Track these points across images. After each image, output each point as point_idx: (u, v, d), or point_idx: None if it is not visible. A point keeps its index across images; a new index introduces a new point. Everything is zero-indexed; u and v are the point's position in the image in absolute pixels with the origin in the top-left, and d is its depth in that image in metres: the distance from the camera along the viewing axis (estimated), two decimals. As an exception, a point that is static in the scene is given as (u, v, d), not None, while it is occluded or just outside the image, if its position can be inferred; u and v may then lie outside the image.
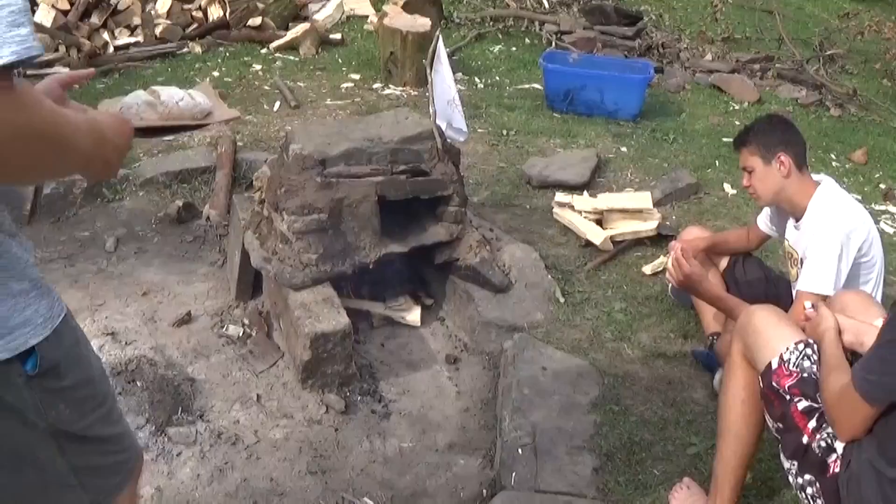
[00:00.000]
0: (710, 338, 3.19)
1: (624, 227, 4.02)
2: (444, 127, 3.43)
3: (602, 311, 3.48)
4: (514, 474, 2.56)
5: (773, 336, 2.13)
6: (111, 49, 6.48)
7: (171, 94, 5.08)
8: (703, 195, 4.79)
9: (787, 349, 2.08)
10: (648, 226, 4.01)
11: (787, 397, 2.04)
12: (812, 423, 1.97)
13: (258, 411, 3.04)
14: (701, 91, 6.90)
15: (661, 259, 3.83)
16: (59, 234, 4.10)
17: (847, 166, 5.71)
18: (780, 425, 2.06)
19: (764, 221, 3.24)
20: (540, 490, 2.50)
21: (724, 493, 2.32)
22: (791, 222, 3.00)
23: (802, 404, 2.00)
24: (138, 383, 3.10)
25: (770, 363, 2.09)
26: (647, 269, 3.80)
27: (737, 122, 6.16)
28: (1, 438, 1.35)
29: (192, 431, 2.92)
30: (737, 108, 6.61)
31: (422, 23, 6.14)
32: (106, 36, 6.53)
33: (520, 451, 2.63)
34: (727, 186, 4.93)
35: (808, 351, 2.06)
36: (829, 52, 7.70)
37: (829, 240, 2.74)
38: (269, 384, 3.16)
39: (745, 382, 2.21)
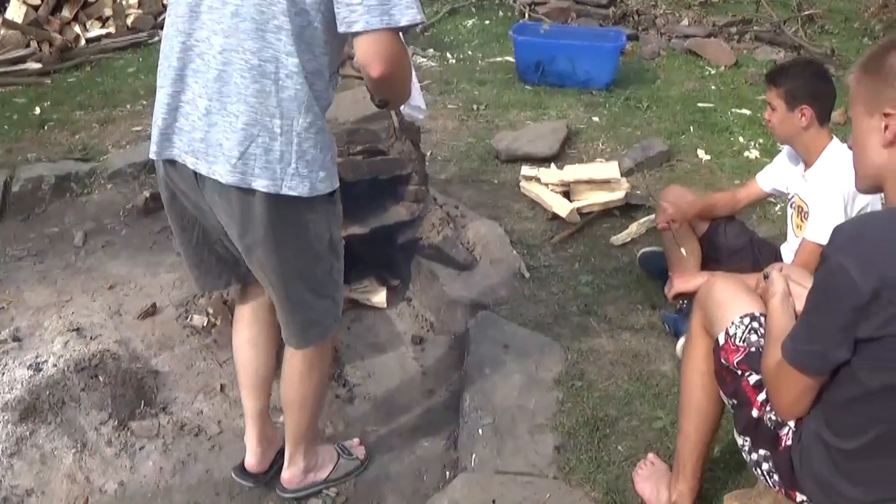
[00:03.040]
0: (681, 301, 3.16)
1: (591, 199, 3.98)
2: (401, 105, 3.37)
3: (568, 284, 3.44)
4: (473, 456, 2.53)
5: (730, 307, 2.07)
6: (83, 42, 6.43)
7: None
8: (675, 162, 4.75)
9: (733, 323, 2.02)
10: (616, 196, 3.98)
11: (739, 372, 1.98)
12: (762, 396, 1.91)
13: (222, 401, 3.01)
14: (677, 57, 6.84)
15: (631, 229, 3.80)
16: (29, 231, 4.08)
17: (825, 126, 5.65)
18: (735, 401, 2.01)
19: (767, 178, 3.20)
20: (500, 471, 2.47)
21: (686, 469, 2.27)
22: (801, 172, 2.99)
23: (753, 378, 1.95)
24: (101, 378, 3.05)
25: (718, 339, 2.04)
26: (616, 239, 3.76)
27: (712, 87, 6.12)
28: (310, 243, 2.05)
29: (155, 424, 2.89)
30: (713, 72, 6.54)
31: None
32: (77, 29, 6.47)
33: (480, 431, 2.61)
34: (701, 152, 4.89)
35: (755, 324, 2.00)
36: (806, 13, 7.59)
37: (835, 191, 2.74)
38: (232, 373, 3.10)
39: (706, 355, 2.14)
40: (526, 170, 4.18)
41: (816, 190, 2.84)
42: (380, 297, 3.47)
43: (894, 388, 1.56)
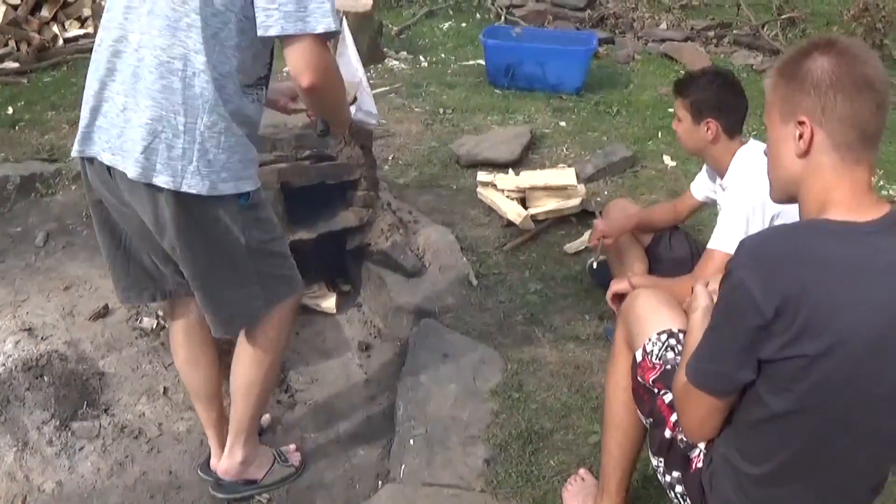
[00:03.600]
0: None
1: (547, 205, 3.99)
2: (352, 110, 3.38)
3: (516, 293, 3.45)
4: (403, 466, 2.55)
5: (649, 322, 2.04)
6: (60, 42, 6.42)
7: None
8: (640, 168, 4.76)
9: (650, 340, 2.00)
10: (572, 203, 3.99)
11: (655, 390, 1.95)
12: (675, 416, 1.85)
13: (164, 404, 3.02)
14: (652, 61, 6.86)
15: (585, 237, 3.81)
16: (-8, 232, 4.08)
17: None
18: (651, 420, 1.98)
19: (698, 187, 3.16)
20: (427, 483, 2.48)
21: (610, 486, 2.23)
22: (718, 182, 2.95)
23: (668, 397, 1.90)
24: (45, 378, 3.07)
25: (636, 355, 2.03)
26: (570, 247, 3.77)
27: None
28: (220, 241, 2.06)
29: (96, 426, 2.91)
30: (687, 77, 6.54)
31: (364, 2, 6.06)
32: (56, 29, 6.46)
33: (412, 441, 2.62)
34: (667, 158, 4.90)
35: (672, 341, 1.97)
36: (786, 16, 7.60)
37: (740, 198, 2.67)
38: (177, 376, 3.11)
39: (627, 370, 2.09)
40: (482, 175, 4.19)
41: (725, 197, 2.80)
42: (329, 303, 3.49)
43: (799, 412, 1.52)
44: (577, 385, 2.94)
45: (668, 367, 1.94)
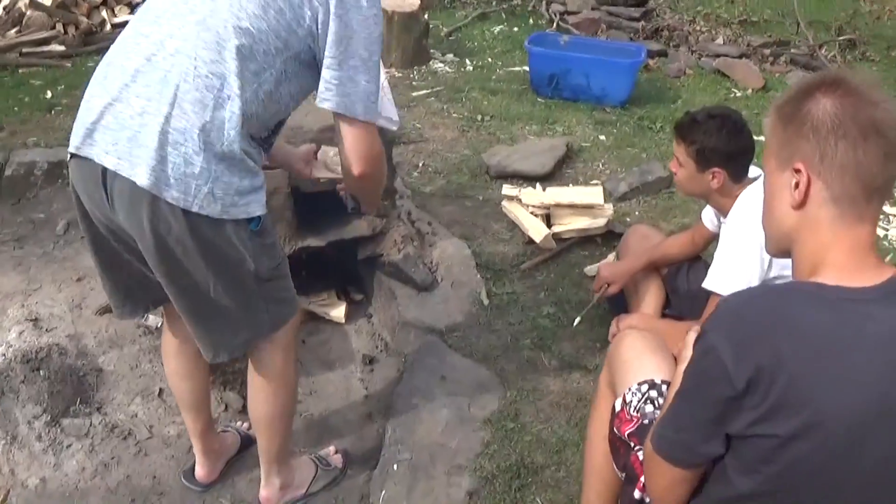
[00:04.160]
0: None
1: (571, 224, 3.85)
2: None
3: (528, 315, 3.32)
4: (383, 493, 2.45)
5: (633, 369, 1.92)
6: (108, 27, 6.44)
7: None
8: (675, 189, 4.58)
9: (630, 389, 1.87)
10: (597, 223, 3.84)
11: (630, 444, 1.83)
12: None
13: (158, 406, 2.98)
14: (703, 76, 6.65)
15: (608, 259, 3.66)
16: (17, 216, 4.09)
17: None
18: (624, 474, 1.86)
19: (709, 218, 2.99)
20: (404, 511, 2.39)
21: None
22: (722, 220, 2.79)
23: (643, 453, 1.74)
24: (42, 372, 3.05)
25: (615, 404, 1.91)
26: (590, 270, 3.63)
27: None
28: (228, 265, 1.99)
29: (86, 423, 2.88)
30: (739, 94, 6.35)
31: (411, 2, 5.99)
32: (105, 14, 6.49)
33: (395, 466, 2.52)
34: (706, 181, 4.71)
35: (653, 393, 1.84)
36: (843, 38, 7.33)
37: (740, 237, 2.50)
38: (173, 379, 3.09)
39: (608, 416, 1.97)
40: (507, 189, 4.06)
41: (724, 232, 2.64)
42: (338, 312, 3.41)
43: (766, 494, 1.37)
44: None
45: (646, 421, 1.82)
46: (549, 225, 3.87)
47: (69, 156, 2.01)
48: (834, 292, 1.32)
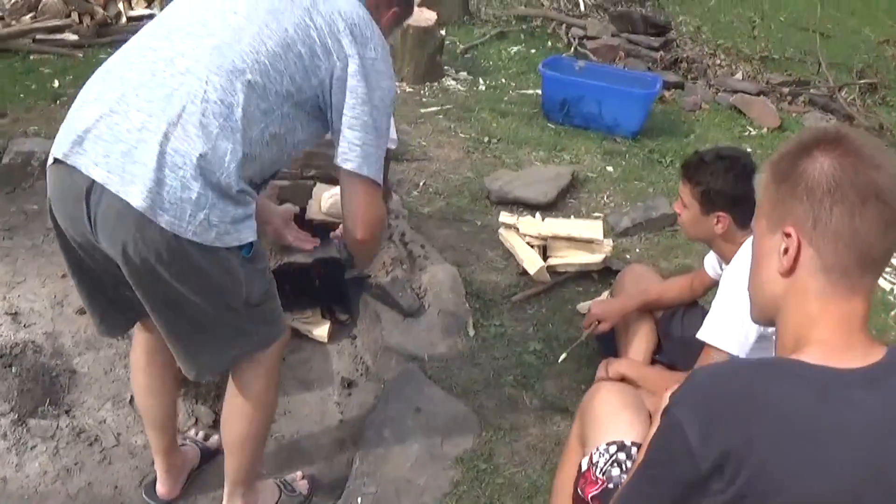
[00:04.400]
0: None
1: (568, 258, 3.77)
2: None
3: (513, 350, 3.24)
4: (343, 527, 2.38)
5: (604, 426, 1.84)
6: (123, 20, 6.41)
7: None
8: (679, 227, 4.50)
9: (598, 450, 1.79)
10: (594, 259, 3.76)
11: None
12: None
13: (127, 413, 2.92)
14: (719, 112, 6.55)
15: (602, 297, 3.58)
16: (10, 206, 4.04)
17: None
18: None
19: (711, 264, 2.90)
20: (361, 549, 2.31)
21: None
22: (725, 267, 2.71)
23: None
24: (13, 369, 3.00)
25: (581, 463, 1.83)
26: (583, 307, 3.54)
27: (748, 149, 5.82)
28: (217, 291, 1.94)
29: (53, 426, 2.84)
30: (754, 133, 6.26)
31: (427, 16, 5.93)
32: (121, 6, 6.45)
33: (359, 500, 2.45)
34: (711, 220, 4.63)
35: (622, 455, 1.76)
36: (864, 81, 7.24)
37: (741, 287, 2.41)
38: (147, 386, 3.03)
39: (574, 473, 1.88)
40: (505, 216, 3.98)
41: (724, 280, 2.56)
42: (321, 331, 3.34)
43: None
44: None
45: (611, 485, 1.74)
46: (545, 257, 3.79)
47: (52, 161, 1.91)
48: (816, 373, 1.22)
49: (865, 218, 1.22)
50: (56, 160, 1.89)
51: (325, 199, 3.06)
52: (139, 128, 1.80)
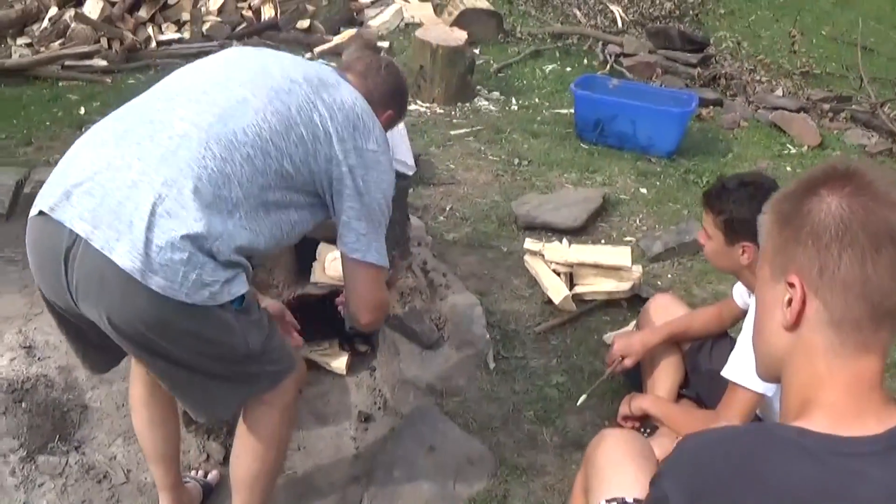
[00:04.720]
0: (644, 429, 2.82)
1: (595, 286, 3.64)
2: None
3: (535, 384, 3.12)
4: (347, 572, 2.28)
5: (607, 478, 1.74)
6: (153, 44, 6.43)
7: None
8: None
9: None
10: (622, 286, 3.62)
11: None
12: None
13: (138, 450, 2.84)
14: (758, 129, 6.36)
15: (630, 327, 3.45)
16: (29, 236, 4.03)
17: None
18: None
19: (740, 293, 2.77)
20: None
21: None
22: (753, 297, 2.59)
23: None
24: (24, 404, 2.96)
25: None
26: (609, 337, 3.41)
27: (788, 168, 5.66)
28: (219, 348, 1.87)
29: (62, 462, 2.79)
30: (794, 151, 6.06)
31: (456, 36, 5.87)
32: (151, 31, 6.48)
33: (366, 544, 2.35)
34: (749, 244, 4.47)
35: None
36: (904, 96, 7.01)
37: None
38: (157, 422, 2.97)
39: None
40: (530, 243, 3.87)
41: (749, 317, 2.44)
42: (339, 363, 3.25)
43: None
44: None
45: None
46: (571, 284, 3.67)
47: (36, 212, 1.85)
48: (820, 442, 1.08)
49: (879, 265, 1.08)
50: (40, 212, 1.82)
51: (329, 261, 3.02)
52: (130, 185, 1.73)
